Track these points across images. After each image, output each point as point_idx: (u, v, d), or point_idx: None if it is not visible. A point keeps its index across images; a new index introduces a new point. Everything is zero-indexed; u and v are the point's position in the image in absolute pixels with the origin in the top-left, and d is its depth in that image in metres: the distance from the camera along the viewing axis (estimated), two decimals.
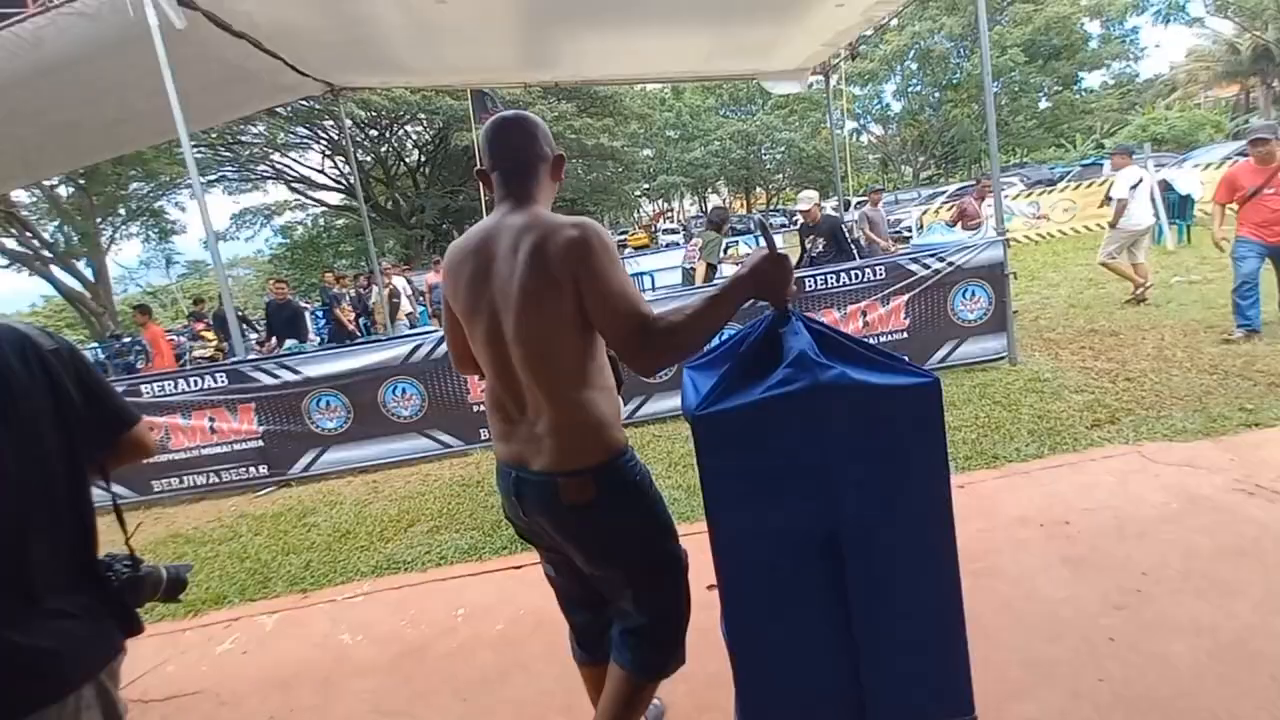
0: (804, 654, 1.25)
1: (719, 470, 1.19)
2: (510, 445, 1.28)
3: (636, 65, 6.73)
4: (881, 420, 1.16)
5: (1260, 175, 4.43)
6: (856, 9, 5.37)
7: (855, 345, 1.23)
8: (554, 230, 1.17)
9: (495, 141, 1.30)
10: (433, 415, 4.55)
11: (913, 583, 1.22)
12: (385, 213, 31.89)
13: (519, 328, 1.19)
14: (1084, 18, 29.23)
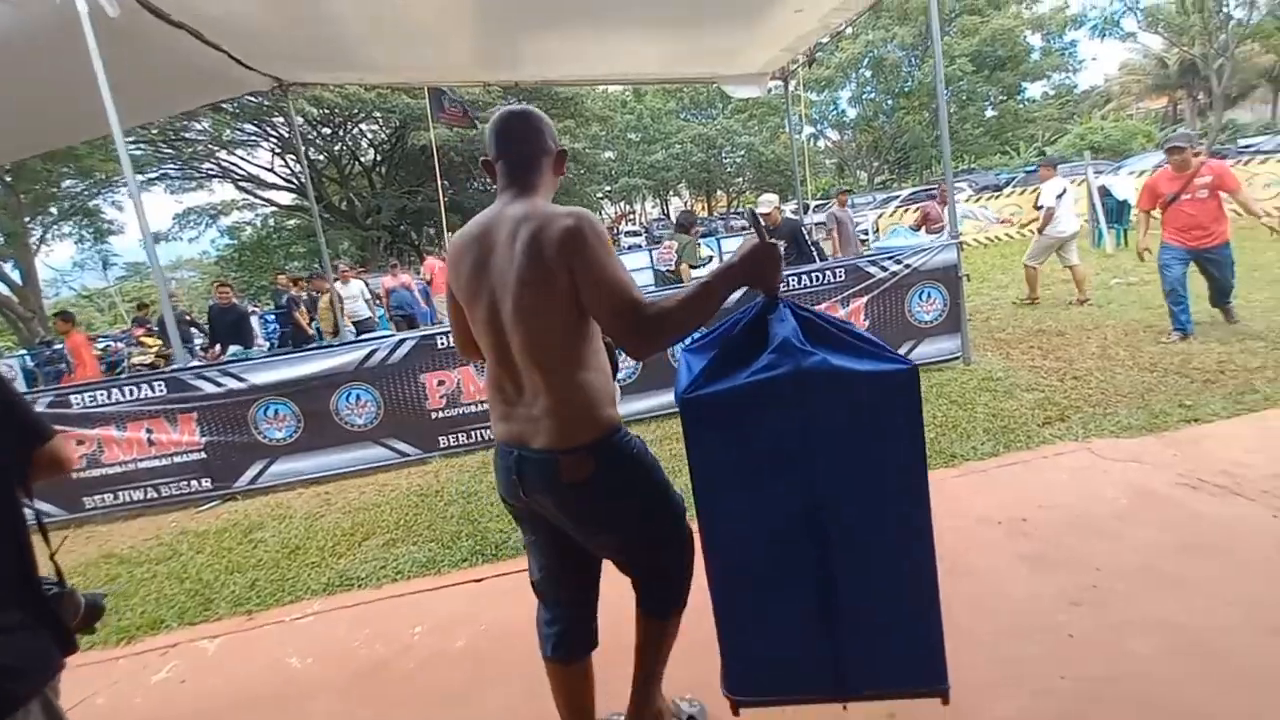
0: (786, 625, 1.31)
1: (705, 451, 1.24)
2: (510, 425, 1.33)
3: (598, 67, 6.67)
4: (861, 405, 1.20)
5: (1178, 182, 4.59)
6: (814, 15, 5.44)
7: (841, 332, 1.27)
8: (550, 220, 1.21)
9: (501, 133, 1.35)
10: (389, 423, 4.39)
11: (890, 560, 1.27)
12: (339, 213, 30.99)
13: (517, 314, 1.24)
14: (1026, 30, 30.51)
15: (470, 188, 33.59)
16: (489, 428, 4.41)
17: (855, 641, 1.30)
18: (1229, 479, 2.49)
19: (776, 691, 1.38)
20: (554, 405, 1.26)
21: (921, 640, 1.30)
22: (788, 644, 1.33)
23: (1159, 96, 32.07)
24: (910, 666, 1.32)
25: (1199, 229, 4.53)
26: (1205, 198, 4.48)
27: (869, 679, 1.33)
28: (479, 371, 4.40)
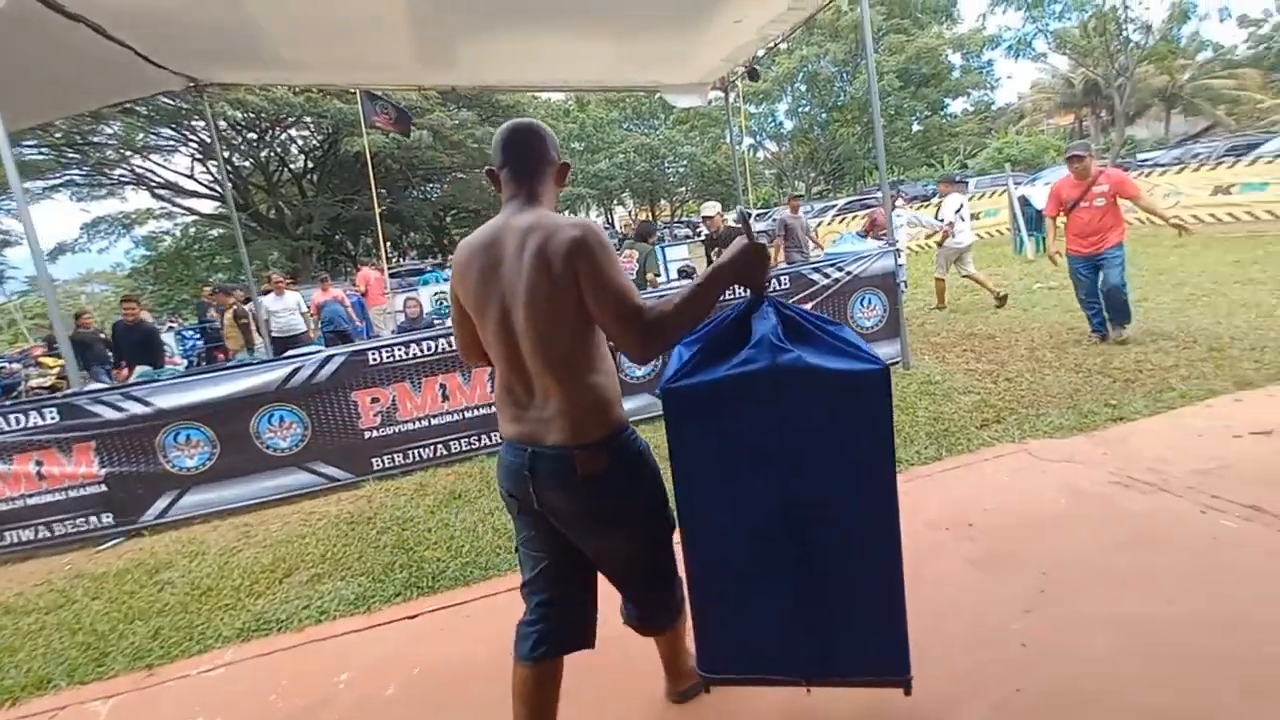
0: (758, 610, 1.37)
1: (684, 440, 1.32)
2: (521, 426, 1.37)
3: (538, 72, 6.54)
4: (833, 401, 1.25)
5: (1078, 189, 4.70)
6: (752, 26, 5.50)
7: (820, 331, 1.33)
8: (557, 230, 1.27)
9: (507, 143, 1.41)
10: (317, 446, 4.10)
11: (858, 552, 1.32)
12: (268, 222, 29.50)
13: (527, 321, 1.28)
14: (948, 50, 32.27)
15: (409, 196, 32.72)
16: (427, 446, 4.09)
17: (823, 629, 1.35)
18: (1156, 476, 2.59)
19: (746, 672, 1.44)
20: (566, 406, 1.30)
21: (886, 631, 1.34)
22: (758, 628, 1.38)
23: (1067, 113, 34.38)
24: (874, 656, 1.37)
25: (1094, 235, 4.64)
26: (1102, 205, 4.58)
27: (834, 665, 1.38)
28: (416, 389, 4.18)
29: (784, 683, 1.42)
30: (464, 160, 29.96)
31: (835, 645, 1.36)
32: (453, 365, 4.20)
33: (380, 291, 10.32)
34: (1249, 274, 6.48)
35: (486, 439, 4.29)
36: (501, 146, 1.42)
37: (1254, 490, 2.36)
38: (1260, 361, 3.80)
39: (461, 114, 26.95)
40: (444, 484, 3.85)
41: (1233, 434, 2.88)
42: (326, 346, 8.22)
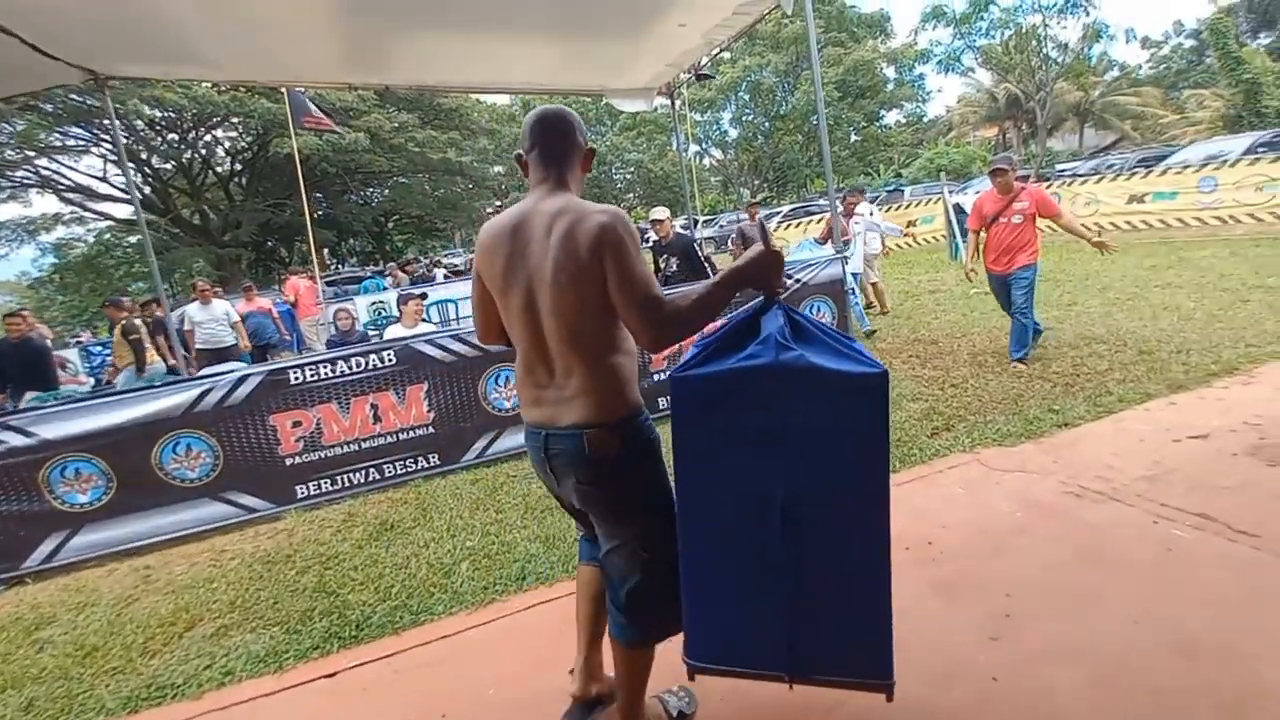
0: (746, 603, 1.38)
1: (686, 426, 1.35)
2: (541, 409, 1.42)
3: (477, 74, 6.26)
4: (831, 400, 1.28)
5: (999, 204, 4.50)
6: (697, 30, 5.42)
7: (824, 335, 1.37)
8: (584, 216, 1.30)
9: (536, 128, 1.44)
10: (231, 475, 3.72)
11: (847, 550, 1.33)
12: (191, 228, 27.79)
13: (553, 302, 1.32)
14: (883, 63, 33.52)
15: (346, 200, 31.43)
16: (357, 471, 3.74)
17: (809, 627, 1.36)
18: (1105, 484, 2.58)
19: (731, 663, 1.44)
20: (586, 385, 1.34)
21: (871, 634, 1.35)
22: (745, 622, 1.40)
23: (991, 126, 36.22)
24: (858, 658, 1.37)
25: (1007, 253, 4.47)
26: (1020, 223, 4.38)
27: (819, 665, 1.39)
28: (344, 410, 3.85)
29: (767, 678, 1.43)
30: (405, 164, 29.04)
31: (820, 644, 1.37)
32: (385, 383, 3.90)
33: (312, 301, 9.73)
34: (1165, 278, 6.84)
35: (424, 461, 4.00)
36: (530, 132, 1.45)
37: (1200, 497, 2.38)
38: (1187, 364, 3.94)
39: (401, 116, 26.11)
40: (375, 513, 3.55)
41: (1172, 438, 2.93)
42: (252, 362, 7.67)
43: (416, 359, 3.94)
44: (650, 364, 4.45)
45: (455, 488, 3.74)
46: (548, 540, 2.85)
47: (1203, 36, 31.23)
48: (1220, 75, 25.32)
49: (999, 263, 4.56)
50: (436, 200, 32.68)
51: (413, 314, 4.54)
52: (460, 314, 9.11)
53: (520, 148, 1.49)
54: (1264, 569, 1.91)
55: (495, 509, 3.34)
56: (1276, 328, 4.42)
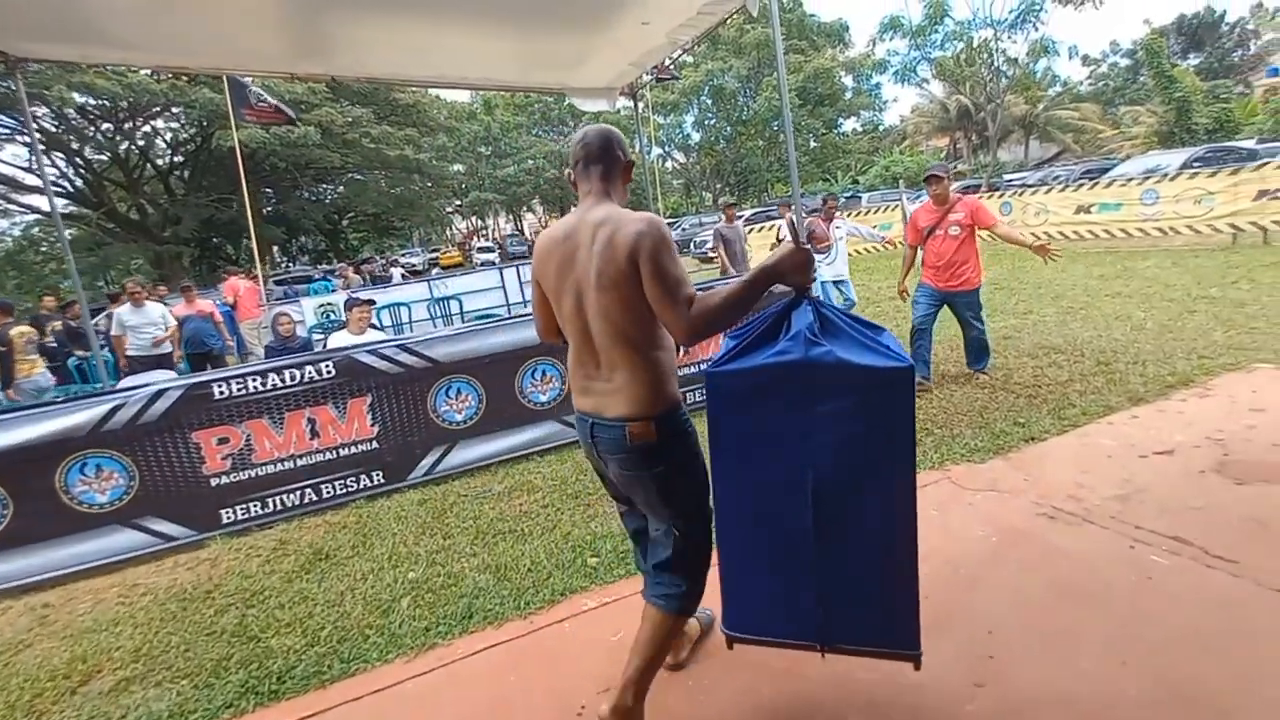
0: (780, 578, 1.46)
1: (721, 418, 1.44)
2: (589, 398, 1.56)
3: (431, 67, 5.97)
4: (859, 392, 1.34)
5: (935, 216, 4.26)
6: (661, 29, 5.26)
7: (852, 329, 1.42)
8: (624, 224, 1.43)
9: (580, 146, 1.59)
10: (148, 498, 3.36)
11: (875, 529, 1.39)
12: (128, 223, 26.29)
13: (597, 304, 1.45)
14: (841, 72, 34.18)
15: (297, 197, 30.23)
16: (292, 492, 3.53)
17: (840, 601, 1.43)
18: (1078, 505, 2.52)
19: (766, 633, 1.55)
20: (629, 379, 1.47)
21: (899, 607, 1.41)
22: (780, 595, 1.48)
23: (943, 136, 37.37)
24: (886, 629, 1.44)
25: (948, 268, 4.24)
26: (958, 235, 4.15)
27: (848, 634, 1.46)
28: (277, 426, 3.54)
29: (800, 647, 1.52)
30: (360, 160, 28.10)
31: (850, 616, 1.44)
32: (324, 396, 3.60)
33: (254, 303, 9.19)
34: (1114, 287, 7.02)
35: (366, 479, 3.71)
36: (576, 150, 1.61)
37: (1172, 518, 2.33)
38: (1144, 375, 3.97)
39: (355, 111, 25.25)
40: (310, 539, 3.25)
41: (1139, 454, 2.90)
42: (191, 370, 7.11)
43: (359, 370, 3.65)
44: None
45: (400, 509, 3.47)
46: (499, 571, 2.62)
47: (1138, 56, 32.95)
48: (1154, 93, 26.70)
49: (939, 276, 4.29)
50: (393, 198, 31.74)
51: (358, 320, 4.23)
52: (414, 318, 8.71)
53: (568, 165, 1.64)
54: (1246, 600, 1.85)
55: (443, 533, 3.10)
56: (1224, 338, 4.52)
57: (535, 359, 4.02)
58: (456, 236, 48.63)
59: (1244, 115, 25.28)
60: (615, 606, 2.25)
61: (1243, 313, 5.10)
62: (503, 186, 38.66)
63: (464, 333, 3.90)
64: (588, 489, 3.40)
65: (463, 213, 46.13)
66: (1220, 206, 8.81)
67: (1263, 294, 5.65)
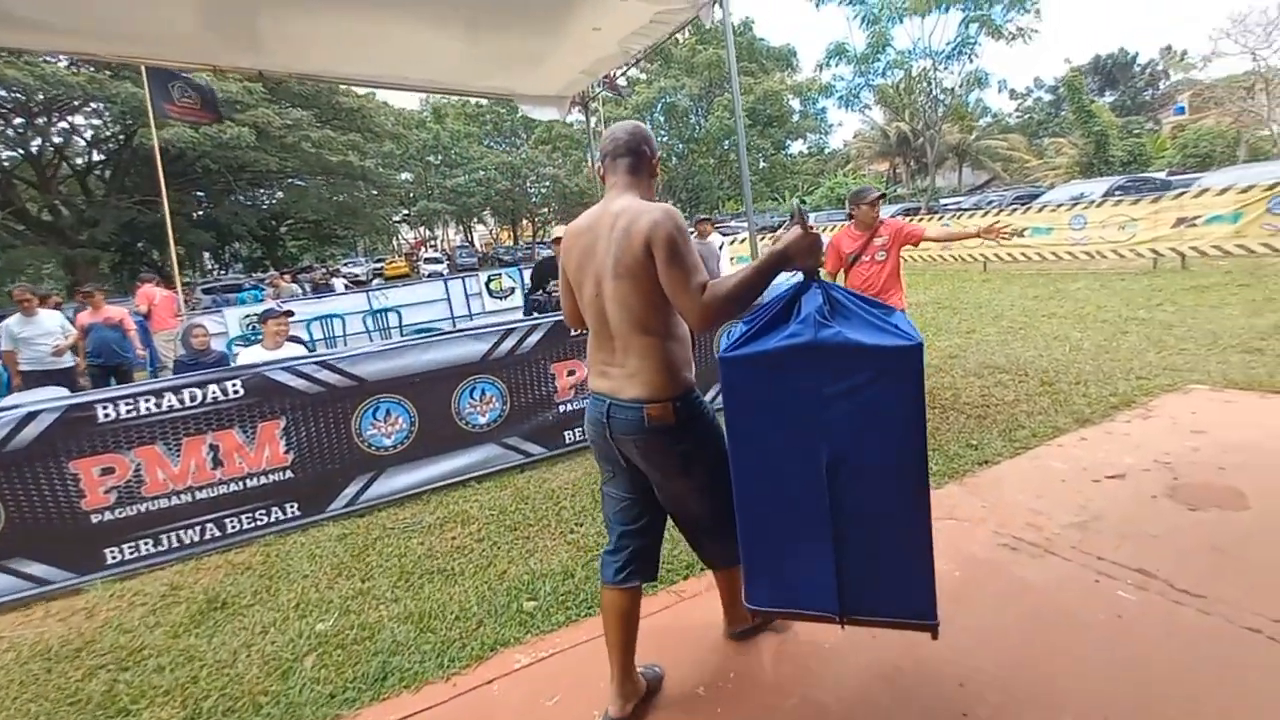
0: (798, 554, 1.51)
1: (736, 401, 1.49)
2: (606, 380, 1.63)
3: (370, 65, 5.64)
4: (869, 371, 1.37)
5: (859, 241, 3.96)
6: (613, 37, 5.12)
7: (861, 310, 1.44)
8: (640, 214, 1.50)
9: (608, 141, 1.68)
10: (16, 537, 2.90)
11: (890, 504, 1.42)
12: (40, 225, 24.28)
13: (615, 291, 1.53)
14: (789, 95, 35.16)
15: (231, 201, 28.65)
16: (189, 528, 3.24)
17: (858, 573, 1.47)
18: (1038, 534, 2.43)
19: (787, 606, 1.59)
20: (644, 365, 1.55)
21: (915, 578, 1.44)
22: (799, 569, 1.51)
23: (883, 160, 38.95)
24: (904, 600, 1.47)
25: (879, 296, 3.89)
26: (884, 260, 3.93)
27: (867, 605, 1.49)
28: (172, 454, 3.13)
29: (821, 618, 1.55)
30: (300, 165, 26.92)
31: (868, 587, 1.48)
32: (229, 419, 3.21)
33: (170, 313, 8.47)
34: (1049, 308, 7.25)
35: (278, 512, 3.33)
36: (604, 144, 1.67)
37: (1133, 548, 2.26)
38: (1088, 396, 4.01)
39: (294, 113, 24.20)
40: (207, 583, 2.86)
41: (1091, 478, 2.86)
42: (94, 385, 6.41)
43: (272, 390, 3.28)
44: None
45: (316, 546, 3.11)
46: (422, 620, 2.33)
47: (1059, 92, 35.28)
48: (1075, 126, 28.57)
49: None
50: (335, 206, 30.52)
51: (274, 334, 3.83)
52: (349, 330, 8.21)
53: (598, 158, 1.71)
54: (1221, 640, 1.76)
55: (362, 575, 2.77)
56: (1158, 359, 4.65)
57: (474, 377, 3.74)
58: (404, 247, 47.24)
59: (1155, 149, 27.33)
60: (552, 663, 2.00)
61: (1172, 334, 5.30)
62: (452, 197, 37.84)
63: (395, 348, 3.58)
64: (527, 519, 3.14)
65: (410, 222, 44.92)
66: (1142, 233, 9.31)
67: (1187, 316, 5.90)
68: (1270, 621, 1.78)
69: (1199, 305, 6.35)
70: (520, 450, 3.88)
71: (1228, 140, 24.73)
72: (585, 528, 2.98)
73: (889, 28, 24.97)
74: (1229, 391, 3.77)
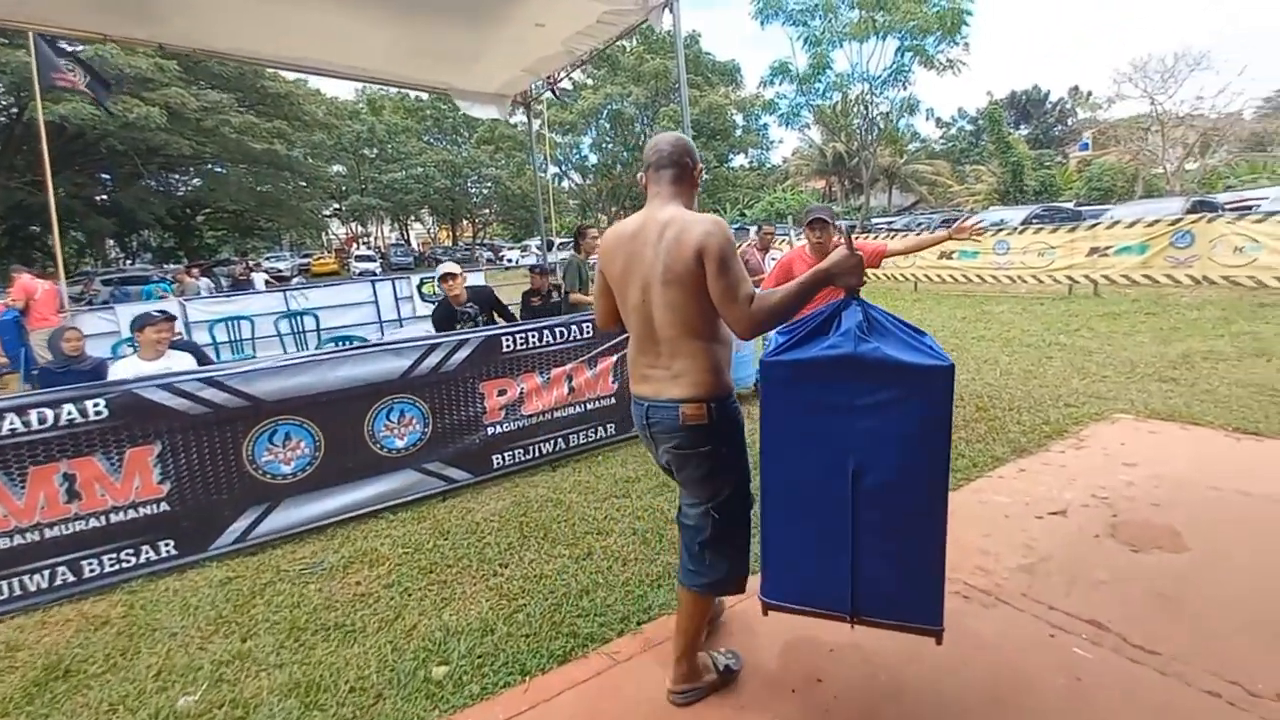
0: (817, 551, 1.59)
1: (774, 404, 1.60)
2: (648, 384, 1.70)
3: (287, 47, 5.15)
4: (902, 387, 1.46)
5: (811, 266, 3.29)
6: (556, 35, 4.87)
7: (897, 329, 1.54)
8: (690, 225, 1.57)
9: (652, 152, 1.74)
10: None
11: (909, 516, 1.51)
12: None
13: (663, 297, 1.60)
14: (733, 109, 35.77)
15: (139, 184, 26.33)
16: (37, 573, 2.83)
17: (871, 577, 1.55)
18: (987, 579, 2.34)
19: (801, 602, 1.67)
20: (689, 366, 1.62)
21: (926, 586, 1.52)
22: (816, 568, 1.60)
23: (820, 178, 40.27)
24: (913, 605, 1.55)
25: None
26: None
27: (877, 608, 1.57)
28: (15, 486, 2.62)
29: (832, 617, 1.61)
30: (219, 151, 25.11)
31: (880, 591, 1.53)
32: (90, 445, 2.72)
33: (52, 309, 7.54)
34: (978, 330, 7.47)
35: (150, 552, 2.86)
36: (648, 154, 1.75)
37: (1082, 595, 2.19)
38: (1022, 423, 4.05)
39: (212, 95, 22.58)
40: (51, 642, 2.39)
41: (1034, 514, 2.82)
42: None
43: (145, 411, 2.82)
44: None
45: (192, 593, 2.68)
46: (309, 693, 1.98)
47: (980, 123, 37.53)
48: (993, 156, 30.41)
49: None
50: (258, 196, 28.67)
51: (153, 344, 3.33)
52: (257, 334, 7.49)
53: (641, 168, 1.76)
54: (1182, 705, 1.67)
55: (245, 629, 2.38)
56: (1082, 386, 4.79)
57: (392, 397, 3.37)
58: (334, 242, 44.97)
59: (1064, 181, 29.43)
60: None
61: (1093, 361, 5.50)
62: (388, 193, 36.33)
63: (298, 364, 3.16)
64: (445, 558, 2.81)
65: (342, 217, 42.80)
66: (1060, 260, 9.82)
67: (1104, 343, 6.18)
68: (1227, 684, 1.71)
69: (1113, 332, 6.68)
70: (442, 476, 3.54)
71: (1127, 176, 26.90)
72: (511, 569, 2.68)
73: (829, 50, 25.81)
74: (1152, 422, 3.88)
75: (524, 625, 2.25)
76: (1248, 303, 7.47)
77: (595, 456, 4.04)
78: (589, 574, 2.58)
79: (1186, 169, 25.76)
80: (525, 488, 3.61)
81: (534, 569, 2.67)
